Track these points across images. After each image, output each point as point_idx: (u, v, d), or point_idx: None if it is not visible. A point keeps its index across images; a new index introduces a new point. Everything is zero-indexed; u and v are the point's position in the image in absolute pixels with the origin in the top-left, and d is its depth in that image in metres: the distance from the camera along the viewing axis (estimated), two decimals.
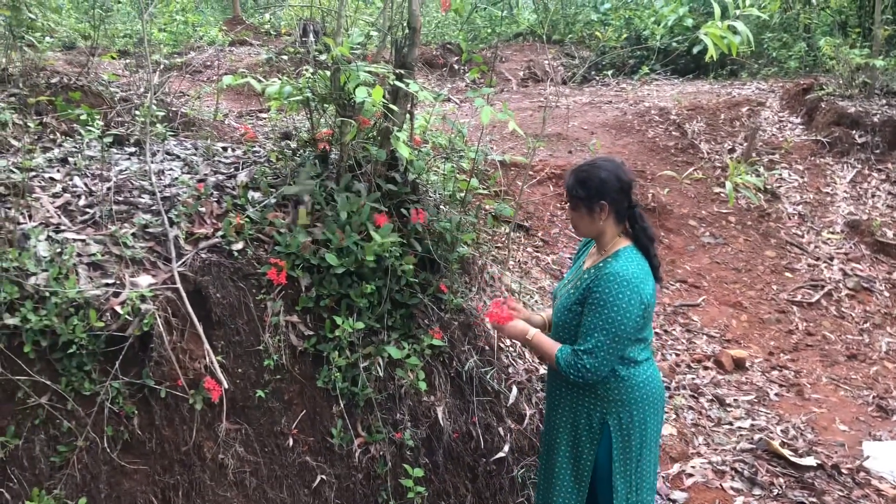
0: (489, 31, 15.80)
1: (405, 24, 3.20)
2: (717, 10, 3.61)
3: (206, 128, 5.13)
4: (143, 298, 2.75)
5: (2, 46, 4.64)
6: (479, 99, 3.05)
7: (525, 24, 16.66)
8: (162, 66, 5.66)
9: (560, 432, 2.85)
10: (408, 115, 3.37)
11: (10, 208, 2.95)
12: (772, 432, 4.52)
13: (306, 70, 3.67)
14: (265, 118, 7.47)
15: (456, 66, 12.86)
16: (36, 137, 3.90)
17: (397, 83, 2.86)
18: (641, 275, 2.64)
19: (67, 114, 4.45)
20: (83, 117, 4.21)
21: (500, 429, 3.67)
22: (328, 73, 3.31)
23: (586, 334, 2.60)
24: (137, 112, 4.25)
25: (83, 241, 2.89)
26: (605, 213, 2.68)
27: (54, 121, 4.55)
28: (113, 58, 8.40)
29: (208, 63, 13.14)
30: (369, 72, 2.88)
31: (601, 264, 2.70)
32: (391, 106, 2.92)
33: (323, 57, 3.06)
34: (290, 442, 3.08)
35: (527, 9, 18.70)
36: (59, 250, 2.78)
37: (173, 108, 5.10)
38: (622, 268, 2.62)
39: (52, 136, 3.88)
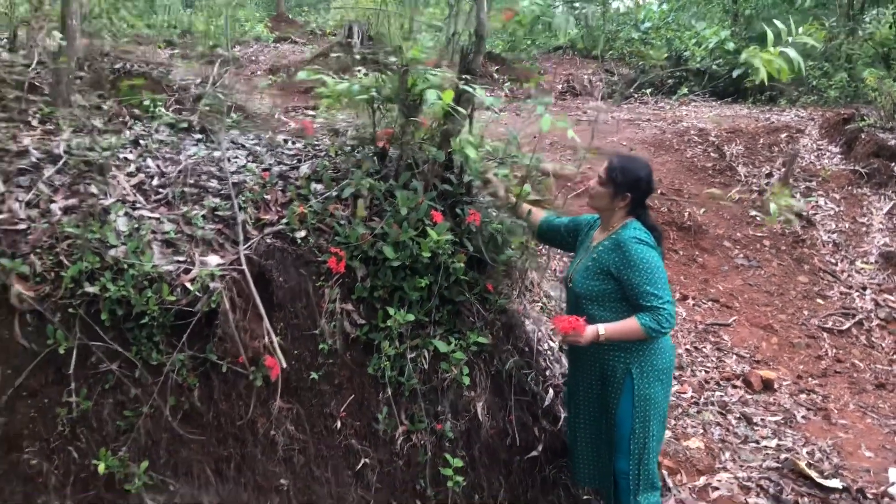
0: (528, 42, 15.95)
1: (472, 32, 3.33)
2: (771, 36, 3.71)
3: (257, 121, 5.29)
4: (212, 277, 2.90)
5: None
6: (540, 107, 3.17)
7: (565, 37, 16.78)
8: (221, 59, 5.83)
9: (587, 388, 3.36)
10: (467, 120, 3.50)
11: (89, 184, 3.12)
12: (798, 453, 4.59)
13: (358, 70, 3.82)
14: (312, 115, 7.64)
15: (495, 76, 12.99)
16: (107, 119, 4.07)
17: (465, 87, 2.99)
18: (651, 239, 3.14)
19: (130, 99, 4.63)
20: (146, 103, 4.39)
21: (535, 429, 3.77)
22: (390, 74, 3.44)
23: (646, 292, 3.02)
24: (207, 102, 4.41)
25: (157, 219, 3.05)
26: (625, 203, 3.19)
27: (116, 105, 4.73)
28: (160, 47, 8.63)
29: (253, 58, 13.40)
30: (440, 76, 3.01)
31: (614, 236, 3.18)
32: (459, 108, 3.05)
33: (393, 59, 3.20)
34: (338, 424, 3.20)
35: (567, 22, 18.82)
36: (136, 226, 2.93)
37: (228, 102, 5.27)
38: (636, 233, 3.12)
39: (123, 120, 4.05)
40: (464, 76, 3.19)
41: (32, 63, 4.30)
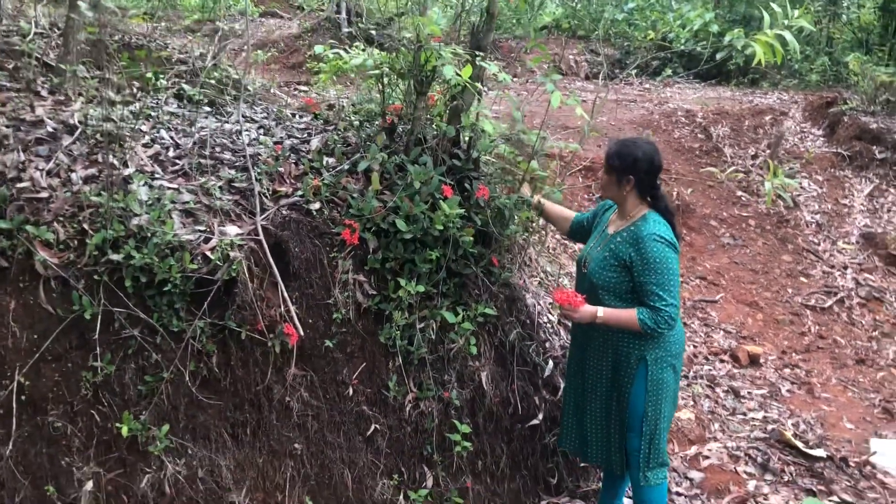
0: (513, 21, 15.94)
1: (483, 9, 3.40)
2: (767, 19, 3.80)
3: (256, 95, 5.31)
4: (231, 246, 2.96)
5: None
6: (551, 84, 3.25)
7: (550, 17, 16.79)
8: (220, 33, 5.83)
9: (597, 371, 3.34)
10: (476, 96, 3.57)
11: (107, 154, 3.16)
12: (783, 424, 4.76)
13: (356, 46, 3.87)
14: (304, 90, 7.65)
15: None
16: (116, 90, 4.09)
17: (482, 64, 3.07)
18: (670, 233, 3.14)
19: (132, 71, 4.64)
20: (148, 75, 4.40)
21: (536, 398, 3.89)
22: (404, 50, 3.51)
23: (652, 292, 3.05)
24: (214, 75, 4.43)
25: (176, 189, 3.10)
26: (630, 186, 3.17)
27: (118, 77, 4.74)
28: (143, 20, 8.56)
29: (239, 33, 13.27)
30: (453, 53, 3.08)
31: (633, 228, 3.16)
32: (477, 84, 3.12)
33: (408, 35, 3.26)
34: (350, 391, 3.30)
35: (552, 2, 18.82)
36: (157, 196, 2.99)
37: (235, 76, 5.29)
38: (656, 229, 3.09)
39: (131, 92, 4.07)
40: (476, 53, 3.27)
41: (30, 34, 4.30)
